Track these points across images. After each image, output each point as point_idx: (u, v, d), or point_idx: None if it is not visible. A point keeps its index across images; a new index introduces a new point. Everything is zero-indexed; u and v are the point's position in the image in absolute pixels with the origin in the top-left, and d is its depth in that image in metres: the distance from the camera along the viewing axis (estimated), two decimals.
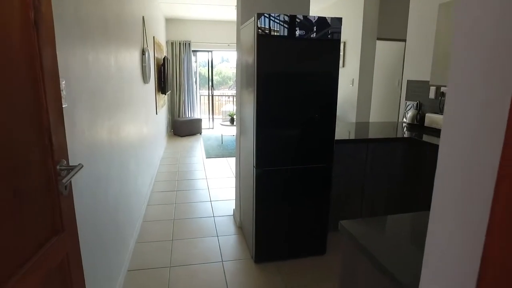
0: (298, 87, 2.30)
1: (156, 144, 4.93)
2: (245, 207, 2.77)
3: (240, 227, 3.10)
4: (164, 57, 5.48)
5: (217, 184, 4.28)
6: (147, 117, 4.11)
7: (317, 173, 2.45)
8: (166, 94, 6.60)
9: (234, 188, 3.43)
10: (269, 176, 2.37)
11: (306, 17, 2.18)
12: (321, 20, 2.21)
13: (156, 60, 5.21)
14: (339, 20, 2.25)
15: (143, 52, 3.72)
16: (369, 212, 2.99)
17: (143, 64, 3.71)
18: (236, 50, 2.97)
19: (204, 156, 5.72)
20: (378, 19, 4.93)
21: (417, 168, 2.82)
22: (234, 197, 3.46)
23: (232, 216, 3.34)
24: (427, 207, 0.73)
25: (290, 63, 2.25)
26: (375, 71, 5.23)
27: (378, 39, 5.05)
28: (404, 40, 5.49)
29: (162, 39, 6.49)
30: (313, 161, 2.43)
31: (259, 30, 2.13)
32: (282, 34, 2.18)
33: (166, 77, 5.89)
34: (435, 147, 2.62)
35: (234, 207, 3.35)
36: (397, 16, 5.16)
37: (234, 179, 3.95)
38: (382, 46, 5.82)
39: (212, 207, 3.53)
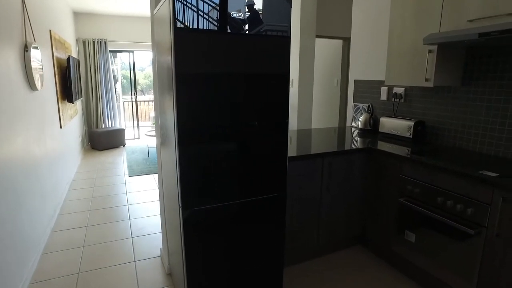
0: (238, 93, 1.68)
1: (62, 165, 3.92)
2: (174, 249, 2.07)
3: (170, 274, 2.38)
4: (68, 57, 4.45)
5: (141, 212, 3.47)
6: (43, 133, 3.14)
7: (268, 206, 1.87)
8: (76, 102, 5.50)
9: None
10: (201, 218, 1.71)
11: (247, 6, 1.58)
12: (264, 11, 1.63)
13: (58, 60, 4.18)
14: (287, 9, 1.70)
15: (26, 49, 2.78)
16: (327, 239, 2.50)
17: (27, 65, 2.77)
18: (151, 43, 2.25)
19: (127, 174, 4.81)
20: (316, 16, 4.57)
21: (378, 182, 2.41)
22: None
23: (160, 258, 2.60)
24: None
25: (225, 64, 1.62)
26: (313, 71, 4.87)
27: (317, 36, 4.70)
28: (342, 38, 5.28)
29: (68, 36, 5.38)
30: (261, 191, 1.83)
31: (177, 22, 1.48)
32: (210, 28, 1.55)
33: (75, 82, 4.83)
34: (397, 157, 2.22)
35: (162, 246, 2.62)
36: (335, 13, 4.86)
37: None
38: (318, 45, 5.52)
39: (134, 248, 2.74)
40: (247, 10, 1.62)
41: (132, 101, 7.59)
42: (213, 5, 1.54)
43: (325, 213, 2.42)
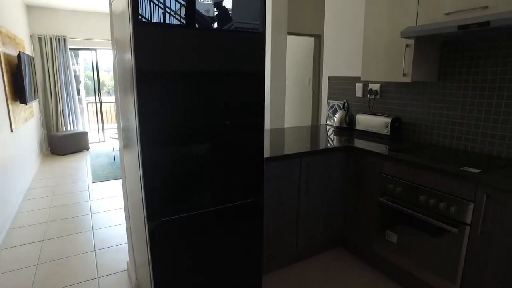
0: (209, 92, 1.51)
1: (13, 173, 3.54)
2: (142, 261, 1.86)
3: None
4: (19, 54, 4.05)
5: (106, 221, 3.19)
6: None
7: (245, 212, 1.71)
8: (32, 103, 5.06)
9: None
10: (169, 230, 1.52)
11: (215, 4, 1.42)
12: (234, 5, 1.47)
13: (6, 57, 3.79)
14: (260, 5, 1.55)
15: None
16: (307, 243, 2.38)
17: None
18: (111, 40, 2.03)
19: (91, 180, 4.47)
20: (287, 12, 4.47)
21: (358, 182, 2.33)
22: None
23: (126, 272, 2.37)
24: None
25: (193, 61, 1.45)
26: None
27: (288, 33, 4.60)
28: (313, 35, 5.22)
29: (19, 31, 4.93)
30: (237, 197, 1.68)
31: (137, 15, 1.30)
32: (174, 23, 1.38)
33: (29, 81, 4.43)
34: (376, 155, 2.14)
35: (128, 259, 2.39)
36: (306, 10, 4.79)
37: None
38: (288, 42, 5.43)
39: (97, 262, 2.49)
40: (215, 8, 1.46)
41: (96, 103, 7.15)
42: None
43: (304, 216, 2.31)
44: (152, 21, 1.33)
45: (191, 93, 1.47)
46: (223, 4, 1.48)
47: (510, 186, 1.50)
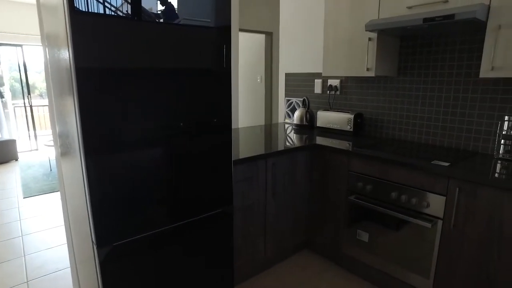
0: (165, 92, 1.29)
1: None
2: None
3: None
4: None
5: (41, 243, 2.75)
6: None
7: (212, 225, 1.51)
8: None
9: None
10: (125, 255, 1.27)
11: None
12: None
13: None
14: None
15: None
16: (275, 249, 2.25)
17: None
18: (41, 35, 1.69)
19: (21, 195, 3.89)
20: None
21: (325, 181, 2.24)
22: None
23: None
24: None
25: (143, 58, 1.22)
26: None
27: (240, 30, 4.44)
28: (265, 32, 5.12)
29: None
30: (203, 208, 1.47)
31: (75, 6, 1.04)
32: (118, 14, 1.14)
33: None
34: (344, 153, 2.07)
35: (73, 287, 2.04)
36: (257, 6, 4.67)
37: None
38: (239, 40, 5.29)
39: None
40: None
41: (25, 107, 6.34)
42: None
43: (272, 221, 2.16)
44: (92, 11, 1.08)
45: (142, 92, 1.24)
46: None
47: (481, 178, 1.50)
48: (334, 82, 2.72)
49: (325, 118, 2.67)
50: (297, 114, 2.86)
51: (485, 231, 1.54)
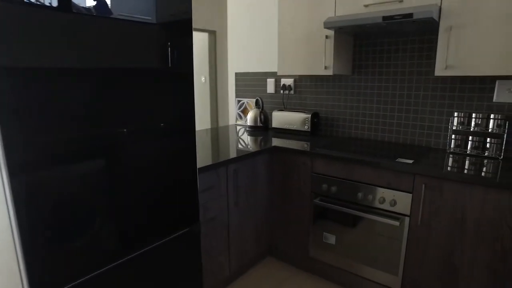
0: (99, 94, 1.06)
1: None
2: None
3: None
4: None
5: None
6: None
7: (177, 248, 1.31)
8: None
9: None
10: None
11: None
12: None
13: None
14: None
15: None
16: (239, 262, 2.09)
17: None
18: None
19: None
20: None
21: (287, 184, 2.15)
22: None
23: None
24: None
25: (72, 55, 0.99)
26: None
27: None
28: (208, 31, 4.90)
29: None
30: (164, 231, 1.26)
31: None
32: (41, 2, 0.90)
33: None
34: (306, 154, 2.00)
35: None
36: (199, 4, 4.44)
37: None
38: None
39: None
40: None
41: None
42: None
43: (235, 232, 2.01)
44: None
45: (75, 95, 1.00)
46: None
47: (446, 174, 1.54)
48: (288, 81, 2.65)
49: (280, 118, 2.59)
50: (250, 115, 2.74)
51: (449, 224, 1.58)
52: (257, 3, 2.77)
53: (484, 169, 1.60)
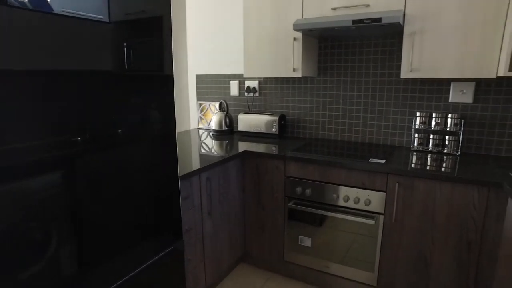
0: (49, 97, 0.93)
1: None
2: None
3: None
4: None
5: None
6: None
7: (157, 274, 1.19)
8: None
9: None
10: None
11: None
12: None
13: None
14: None
15: None
16: (214, 273, 2.00)
17: None
18: None
19: None
20: None
21: (260, 189, 2.11)
22: None
23: None
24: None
25: (14, 55, 0.84)
26: None
27: None
28: None
29: None
30: (146, 253, 1.13)
31: None
32: None
33: None
34: (279, 158, 1.98)
35: None
36: None
37: None
38: None
39: None
40: None
41: None
42: None
43: (210, 243, 1.91)
44: None
45: (20, 99, 0.86)
46: None
47: (417, 172, 1.61)
48: (252, 84, 2.61)
49: (247, 121, 2.53)
50: (215, 118, 2.64)
51: (421, 220, 1.66)
52: (217, 5, 2.67)
53: (448, 165, 1.71)
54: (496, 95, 1.86)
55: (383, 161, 1.75)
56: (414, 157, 1.87)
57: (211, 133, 2.69)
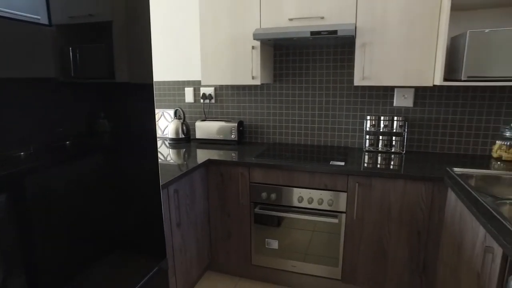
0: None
1: None
2: None
3: None
4: None
5: None
6: None
7: None
8: None
9: None
10: None
11: None
12: None
13: None
14: None
15: None
16: (184, 285, 1.96)
17: None
18: None
19: None
20: None
21: (226, 197, 2.11)
22: None
23: None
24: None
25: None
26: None
27: None
28: None
29: None
30: (124, 278, 1.08)
31: None
32: None
33: None
34: (243, 165, 2.01)
35: None
36: None
37: None
38: None
39: None
40: None
41: None
42: None
43: (179, 256, 1.86)
44: None
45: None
46: None
47: (374, 172, 1.77)
48: (208, 90, 2.59)
49: (205, 129, 2.51)
50: (171, 127, 2.57)
51: (378, 215, 1.83)
52: (169, 9, 2.60)
53: (396, 163, 1.90)
54: (431, 99, 2.12)
55: (343, 163, 1.89)
56: (368, 158, 2.05)
57: (167, 142, 2.61)
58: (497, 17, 1.90)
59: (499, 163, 1.89)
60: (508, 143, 1.91)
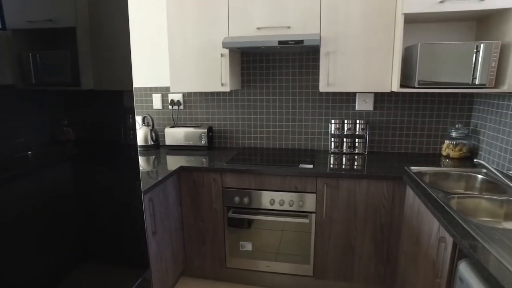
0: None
1: None
2: None
3: None
4: None
5: None
6: None
7: None
8: None
9: None
10: None
11: None
12: None
13: None
14: None
15: None
16: None
17: None
18: None
19: None
20: None
21: (199, 203, 2.14)
22: None
23: None
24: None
25: None
26: None
27: None
28: None
29: None
30: None
31: None
32: None
33: None
34: (215, 171, 2.05)
35: None
36: None
37: None
38: None
39: None
40: None
41: None
42: None
43: (155, 264, 1.86)
44: None
45: None
46: None
47: (340, 173, 1.89)
48: (177, 97, 2.58)
49: (174, 135, 2.50)
50: (140, 134, 2.53)
51: (345, 213, 1.95)
52: (135, 15, 2.55)
53: (360, 164, 2.05)
54: (389, 103, 2.30)
55: (311, 166, 1.99)
56: (333, 159, 2.17)
57: (140, 149, 2.56)
58: (447, 30, 2.11)
59: (447, 160, 2.10)
60: (455, 142, 2.13)
